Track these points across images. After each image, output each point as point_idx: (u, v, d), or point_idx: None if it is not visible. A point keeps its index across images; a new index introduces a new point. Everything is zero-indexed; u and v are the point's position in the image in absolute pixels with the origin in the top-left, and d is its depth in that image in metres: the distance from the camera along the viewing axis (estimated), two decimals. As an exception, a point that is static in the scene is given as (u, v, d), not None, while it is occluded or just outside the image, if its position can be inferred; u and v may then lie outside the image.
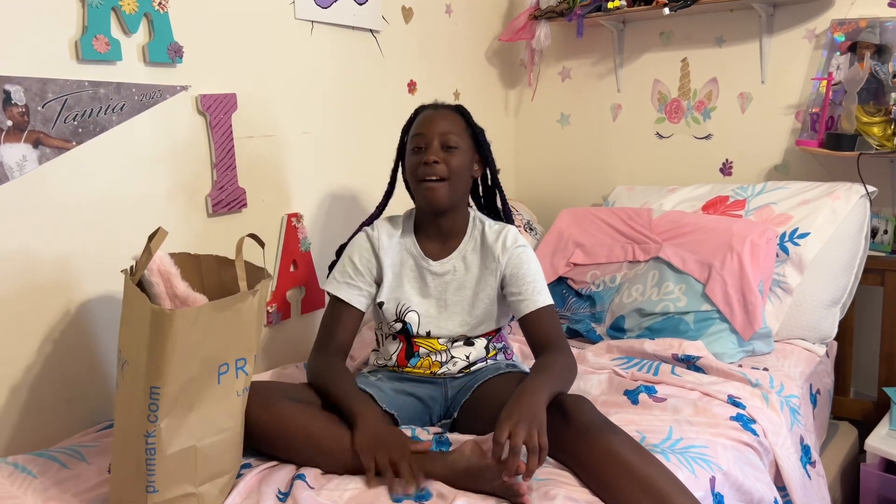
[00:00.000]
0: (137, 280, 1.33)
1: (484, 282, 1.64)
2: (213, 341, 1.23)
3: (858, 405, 2.16)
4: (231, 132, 1.81)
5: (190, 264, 1.50)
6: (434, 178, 1.58)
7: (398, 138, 1.72)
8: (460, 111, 1.67)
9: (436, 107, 1.67)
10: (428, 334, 1.66)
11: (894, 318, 2.07)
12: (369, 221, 1.74)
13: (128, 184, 1.65)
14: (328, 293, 1.68)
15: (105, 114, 1.59)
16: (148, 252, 1.30)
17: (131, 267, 1.35)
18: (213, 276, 1.51)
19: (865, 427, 2.17)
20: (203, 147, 1.78)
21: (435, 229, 1.67)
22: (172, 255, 1.48)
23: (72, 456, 1.45)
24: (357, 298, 1.66)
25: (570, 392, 1.63)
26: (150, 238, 1.32)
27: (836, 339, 2.05)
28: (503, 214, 1.79)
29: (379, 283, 1.67)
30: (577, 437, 1.36)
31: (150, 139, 1.67)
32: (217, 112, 1.78)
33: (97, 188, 1.60)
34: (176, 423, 1.22)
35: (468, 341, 1.67)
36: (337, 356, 1.63)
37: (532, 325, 1.60)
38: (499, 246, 1.64)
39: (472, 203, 1.79)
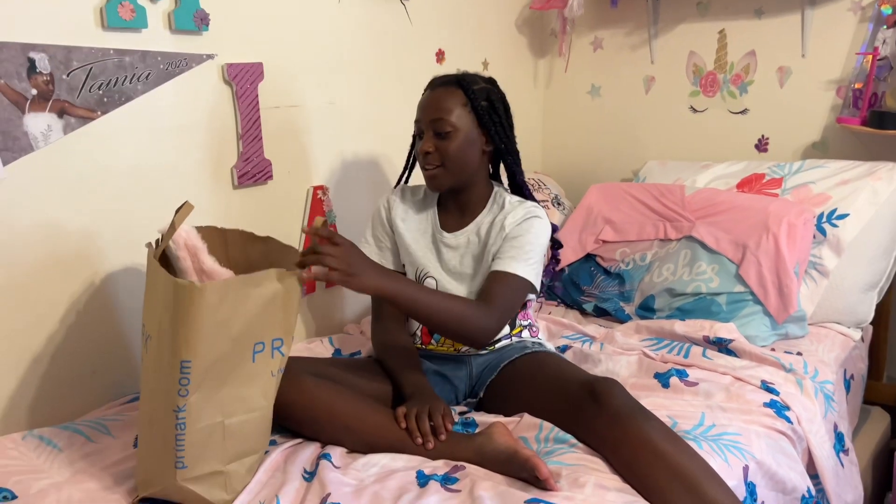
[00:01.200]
0: (160, 254, 1.31)
1: (491, 249, 1.58)
2: (245, 318, 1.21)
3: (891, 390, 2.12)
4: (257, 102, 1.77)
5: (216, 238, 1.48)
6: (430, 166, 1.56)
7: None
8: (461, 84, 1.55)
9: (434, 84, 1.60)
10: None
11: (933, 303, 2.02)
12: (395, 186, 1.75)
13: (153, 155, 1.62)
14: None
15: (130, 83, 1.55)
16: (172, 226, 1.27)
17: (157, 240, 1.33)
18: (239, 251, 1.48)
19: (901, 413, 2.13)
20: (229, 117, 1.74)
21: (453, 202, 1.65)
22: (198, 229, 1.46)
23: (96, 429, 1.45)
24: (390, 259, 1.71)
25: (596, 374, 1.60)
26: (177, 211, 1.29)
27: (871, 323, 2.00)
28: (522, 190, 1.68)
29: (396, 247, 1.70)
30: (608, 423, 1.33)
31: (176, 109, 1.64)
32: (243, 81, 1.74)
33: (122, 159, 1.57)
34: (205, 398, 1.21)
35: None
36: (392, 321, 1.65)
37: (488, 281, 1.53)
38: (511, 218, 1.57)
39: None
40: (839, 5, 2.13)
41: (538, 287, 1.57)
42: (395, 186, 1.74)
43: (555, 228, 1.72)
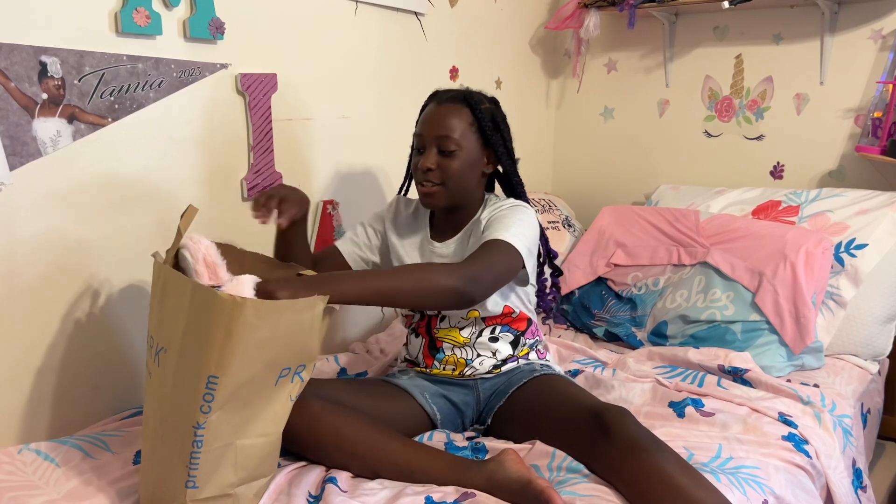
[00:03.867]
0: (172, 262, 1.27)
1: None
2: (281, 341, 1.16)
3: (907, 426, 2.08)
4: (270, 114, 1.74)
5: (232, 257, 1.43)
6: (429, 183, 1.51)
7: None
8: (468, 102, 1.52)
9: (440, 99, 1.54)
10: (441, 319, 1.58)
11: (951, 336, 1.97)
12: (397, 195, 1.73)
13: (163, 164, 1.59)
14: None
15: (143, 90, 1.52)
16: (178, 232, 1.24)
17: (176, 249, 1.29)
18: (255, 274, 1.44)
19: (915, 449, 2.09)
20: (241, 128, 1.71)
21: (445, 219, 1.61)
22: (218, 245, 1.42)
23: (96, 445, 1.40)
24: (347, 245, 1.66)
25: (609, 401, 1.55)
26: (182, 216, 1.26)
27: (888, 356, 1.96)
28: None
29: (384, 251, 1.67)
30: (621, 455, 1.28)
31: (188, 118, 1.61)
32: (256, 92, 1.71)
33: (131, 167, 1.54)
34: (226, 418, 1.16)
35: (493, 337, 1.58)
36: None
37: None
38: (492, 209, 1.53)
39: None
40: (859, 33, 2.11)
41: (527, 263, 1.46)
42: (398, 195, 1.72)
43: (554, 255, 1.69)
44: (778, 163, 2.30)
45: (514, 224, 1.46)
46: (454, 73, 2.27)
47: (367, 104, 2.01)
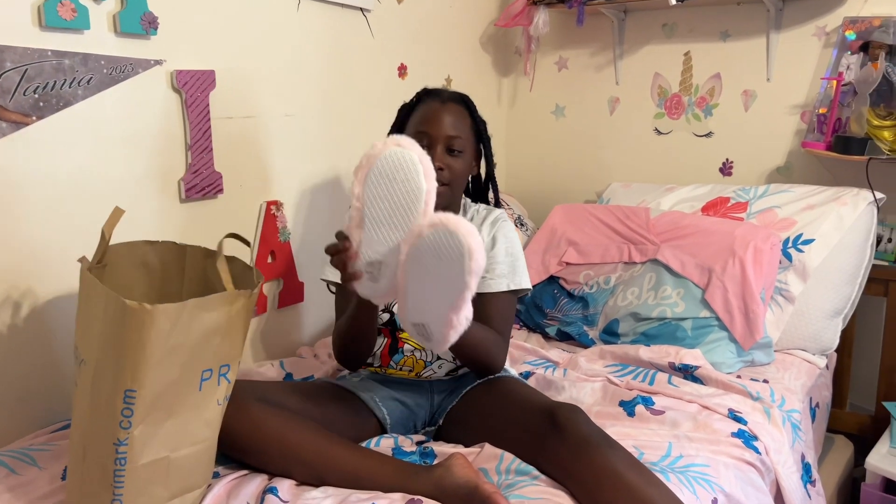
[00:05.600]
0: (98, 266, 1.21)
1: None
2: (196, 343, 1.12)
3: (855, 419, 2.09)
4: (208, 112, 1.68)
5: (173, 254, 1.39)
6: (438, 182, 1.47)
7: (387, 123, 1.61)
8: (467, 104, 1.56)
9: (442, 98, 1.53)
10: None
11: (896, 330, 2.00)
12: None
13: (93, 164, 1.52)
14: (328, 282, 1.60)
15: (70, 87, 1.45)
16: (102, 236, 1.18)
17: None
18: (198, 269, 1.39)
19: (861, 441, 2.10)
20: (177, 127, 1.65)
21: None
22: (153, 243, 1.36)
23: (22, 460, 1.33)
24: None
25: (563, 399, 1.56)
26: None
27: (835, 350, 1.97)
28: (494, 202, 1.70)
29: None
30: (572, 453, 1.26)
31: (120, 117, 1.54)
32: (193, 90, 1.65)
33: (59, 168, 1.47)
34: (151, 432, 1.11)
35: None
36: None
37: (483, 306, 1.47)
38: (485, 228, 1.57)
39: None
40: (804, 30, 2.12)
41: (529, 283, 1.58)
42: None
43: None
44: (727, 159, 2.31)
45: (511, 258, 1.53)
46: (402, 70, 2.23)
47: (313, 102, 1.96)
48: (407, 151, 1.18)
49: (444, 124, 1.49)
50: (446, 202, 1.54)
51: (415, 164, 1.17)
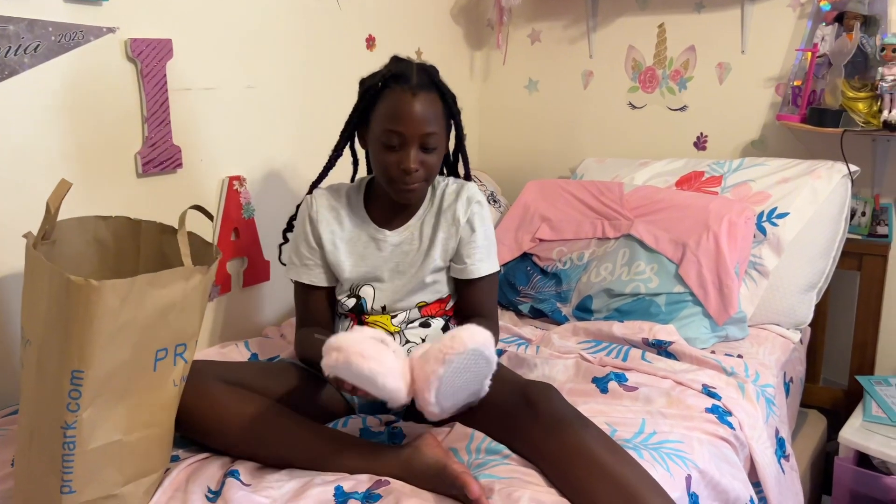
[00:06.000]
0: (46, 242, 1.15)
1: (440, 245, 1.51)
2: (149, 321, 1.08)
3: (828, 393, 2.09)
4: (165, 83, 1.61)
5: (127, 230, 1.33)
6: (414, 182, 1.41)
7: (354, 97, 1.53)
8: (437, 86, 1.43)
9: (412, 85, 1.38)
10: (383, 309, 1.51)
11: (870, 304, 1.99)
12: (311, 188, 1.58)
13: (42, 136, 1.45)
14: (291, 280, 1.56)
15: (15, 55, 1.38)
16: (48, 209, 1.12)
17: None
18: (153, 245, 1.34)
19: (834, 416, 2.10)
20: (132, 98, 1.58)
21: (389, 202, 1.50)
22: (106, 218, 1.31)
23: (-31, 447, 1.27)
24: (320, 276, 1.54)
25: (535, 377, 1.53)
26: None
27: (809, 324, 1.95)
28: (464, 176, 1.63)
29: (325, 262, 1.54)
30: (544, 432, 1.23)
31: (71, 87, 1.47)
32: (149, 59, 1.58)
33: (6, 141, 1.40)
34: (101, 415, 1.06)
35: (424, 323, 1.53)
36: (318, 329, 1.51)
37: (470, 292, 1.52)
38: (459, 207, 1.51)
39: None
40: (778, 1, 2.09)
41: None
42: (311, 191, 1.56)
43: None
44: (701, 133, 2.28)
45: (491, 240, 1.53)
46: (371, 42, 2.17)
47: (276, 74, 1.89)
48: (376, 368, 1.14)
49: (417, 122, 1.37)
50: (421, 196, 1.51)
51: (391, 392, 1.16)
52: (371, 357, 1.13)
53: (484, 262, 1.52)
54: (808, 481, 1.90)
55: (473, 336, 1.15)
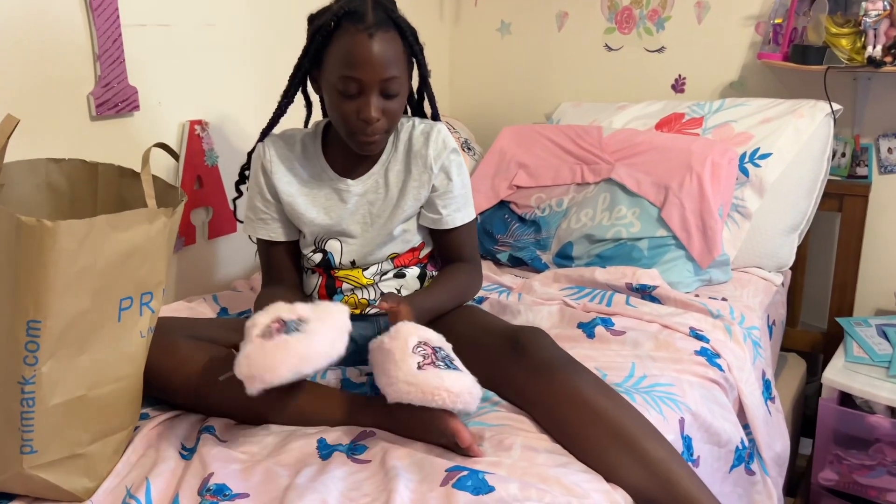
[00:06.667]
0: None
1: (411, 193, 1.40)
2: (110, 267, 0.99)
3: (807, 336, 2.08)
4: (118, 18, 1.49)
5: (83, 174, 1.23)
6: (375, 133, 1.30)
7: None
8: (395, 21, 1.28)
9: (367, 24, 1.23)
10: (353, 264, 1.43)
11: (850, 245, 1.97)
12: (263, 136, 1.45)
13: (-17, 74, 1.33)
14: (249, 237, 1.48)
15: (-52, -18, 1.25)
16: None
17: None
18: (112, 189, 1.24)
19: (813, 359, 2.10)
20: (82, 33, 1.46)
21: (348, 149, 1.38)
22: (59, 161, 1.21)
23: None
24: (279, 230, 1.45)
25: (519, 323, 1.48)
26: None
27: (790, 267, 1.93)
28: (431, 117, 1.49)
29: (283, 215, 1.44)
30: (535, 377, 1.19)
31: (12, 19, 1.35)
32: (99, -9, 1.46)
33: (-58, 77, 1.28)
34: (62, 367, 0.98)
35: (398, 273, 1.45)
36: (284, 287, 1.43)
37: (448, 241, 1.46)
38: (431, 153, 1.39)
39: None
40: (759, -65, 2.03)
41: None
42: (261, 139, 1.44)
43: None
44: (679, 75, 2.22)
45: (467, 188, 1.45)
46: (336, -20, 2.05)
47: (236, 10, 1.77)
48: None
49: (376, 66, 1.24)
50: (384, 144, 1.39)
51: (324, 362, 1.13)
52: (281, 361, 1.07)
53: (460, 211, 1.44)
54: (790, 424, 1.89)
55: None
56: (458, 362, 1.15)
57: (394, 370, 1.10)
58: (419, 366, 1.09)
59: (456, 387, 1.07)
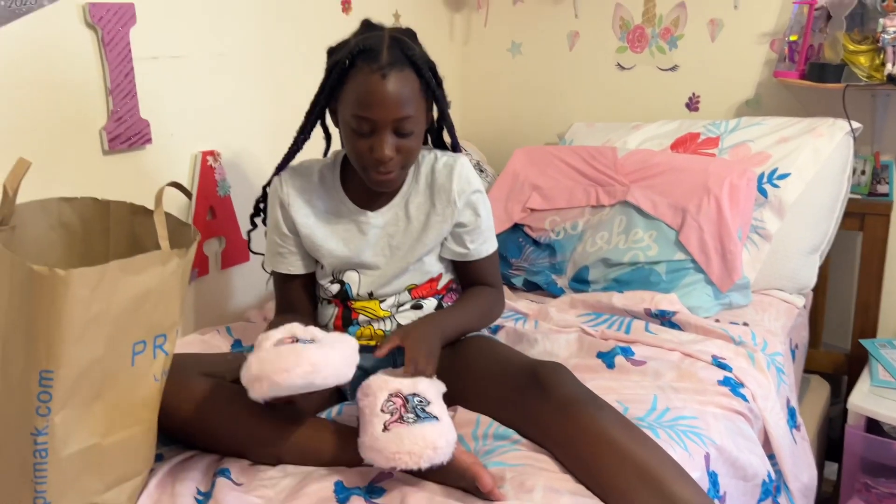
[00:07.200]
0: (4, 228, 1.04)
1: (434, 227, 1.39)
2: (123, 312, 0.98)
3: (830, 358, 2.04)
4: (130, 51, 1.49)
5: (95, 212, 1.22)
6: (390, 171, 1.29)
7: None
8: (412, 61, 1.26)
9: (382, 65, 1.22)
10: (370, 295, 1.41)
11: (872, 265, 1.94)
12: (279, 170, 1.44)
13: (-5, 112, 1.32)
14: (262, 266, 1.49)
15: (-41, 22, 1.25)
16: (4, 191, 1.01)
17: None
18: (124, 228, 1.23)
19: (836, 381, 2.06)
20: (94, 69, 1.45)
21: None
22: (71, 200, 1.19)
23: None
24: (298, 263, 1.44)
25: (532, 356, 1.44)
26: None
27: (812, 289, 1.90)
28: (451, 147, 1.48)
29: (300, 247, 1.43)
30: (557, 414, 1.16)
31: (24, 56, 1.34)
32: (111, 25, 1.45)
33: (-46, 117, 1.27)
34: (75, 416, 0.97)
35: (416, 305, 1.43)
36: (298, 316, 1.39)
37: (472, 271, 1.46)
38: (455, 187, 1.37)
39: None
40: (773, -48, 2.00)
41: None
42: (278, 172, 1.43)
43: None
44: (693, 94, 2.20)
45: (490, 221, 1.46)
46: (346, 4, 2.05)
47: (248, 40, 1.77)
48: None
49: (388, 107, 1.23)
50: (400, 181, 1.37)
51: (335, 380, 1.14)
52: (295, 364, 1.07)
53: (486, 243, 1.45)
54: (815, 449, 1.85)
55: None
56: (433, 406, 1.12)
57: (362, 433, 1.10)
58: (385, 426, 1.08)
59: (417, 446, 1.05)
